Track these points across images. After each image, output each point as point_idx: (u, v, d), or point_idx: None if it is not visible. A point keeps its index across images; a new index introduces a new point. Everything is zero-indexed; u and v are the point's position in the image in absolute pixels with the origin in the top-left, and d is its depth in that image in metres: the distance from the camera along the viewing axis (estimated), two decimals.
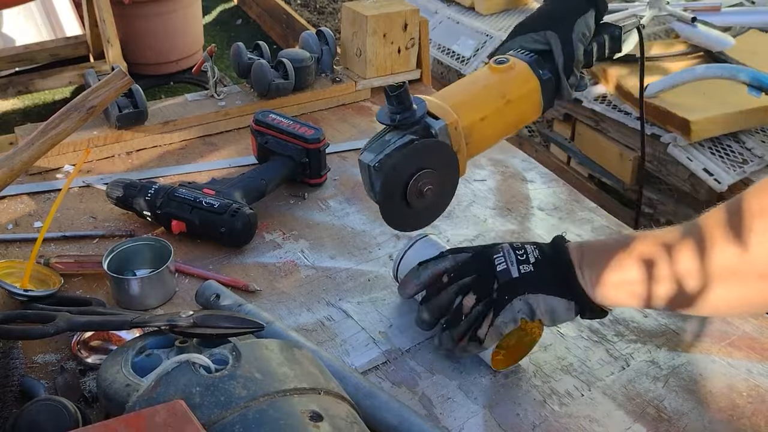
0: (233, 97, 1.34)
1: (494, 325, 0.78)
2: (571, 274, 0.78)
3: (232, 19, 4.08)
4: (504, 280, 0.79)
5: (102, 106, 1.02)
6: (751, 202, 0.65)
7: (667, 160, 1.66)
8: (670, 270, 0.70)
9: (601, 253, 0.77)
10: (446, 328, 0.82)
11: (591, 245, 0.80)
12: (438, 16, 2.25)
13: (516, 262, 0.80)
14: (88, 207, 1.10)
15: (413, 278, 0.85)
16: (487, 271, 0.81)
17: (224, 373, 0.61)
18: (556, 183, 1.20)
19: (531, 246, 0.82)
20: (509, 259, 0.80)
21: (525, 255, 0.81)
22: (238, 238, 1.02)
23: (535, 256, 0.80)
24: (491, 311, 0.79)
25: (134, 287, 0.91)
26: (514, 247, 0.82)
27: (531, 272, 0.79)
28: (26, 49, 3.04)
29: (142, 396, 0.61)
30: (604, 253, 0.76)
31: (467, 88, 0.88)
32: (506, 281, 0.79)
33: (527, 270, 0.79)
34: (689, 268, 0.68)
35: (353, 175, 1.21)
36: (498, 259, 0.81)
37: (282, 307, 0.93)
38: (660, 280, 0.71)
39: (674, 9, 1.95)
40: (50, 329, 0.75)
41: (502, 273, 0.80)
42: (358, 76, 1.43)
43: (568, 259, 0.78)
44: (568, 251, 0.79)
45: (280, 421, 0.57)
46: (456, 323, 0.81)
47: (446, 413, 0.79)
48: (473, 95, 0.87)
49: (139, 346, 0.75)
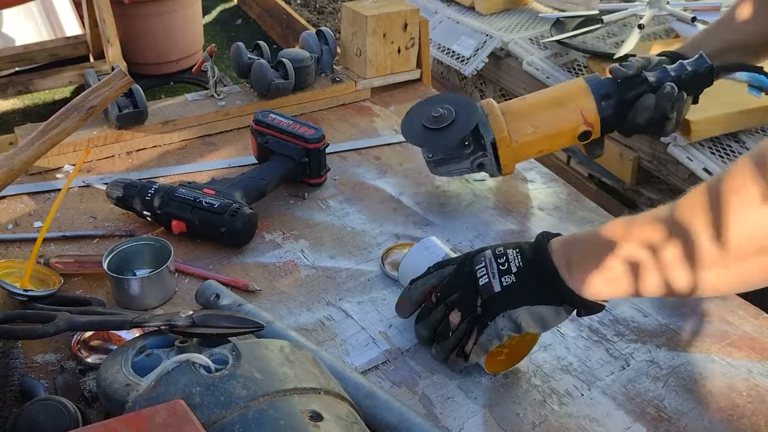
0: (233, 97, 1.34)
1: (478, 343, 0.78)
2: (556, 277, 0.76)
3: (232, 19, 4.08)
4: (486, 296, 0.78)
5: (102, 106, 1.02)
6: (729, 183, 0.64)
7: (667, 160, 1.65)
8: (657, 262, 0.68)
9: (586, 249, 0.75)
10: (438, 342, 0.83)
11: (575, 240, 0.78)
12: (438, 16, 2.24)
13: (498, 274, 0.79)
14: (88, 207, 1.10)
15: (407, 299, 0.86)
16: (470, 287, 0.80)
17: (224, 372, 0.61)
18: (556, 183, 1.20)
19: (513, 251, 0.80)
20: (491, 270, 0.79)
21: (507, 263, 0.79)
22: (238, 238, 1.02)
23: (517, 263, 0.79)
24: (475, 328, 0.79)
25: (134, 287, 0.91)
26: (496, 254, 0.80)
27: (513, 284, 0.78)
28: (26, 49, 3.04)
29: (142, 396, 0.61)
30: (589, 248, 0.75)
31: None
32: (488, 297, 0.78)
33: (509, 282, 0.78)
34: (675, 258, 0.67)
35: (353, 174, 1.21)
36: (480, 271, 0.80)
37: (282, 306, 0.93)
38: (649, 272, 0.69)
39: (674, 9, 1.94)
40: (50, 329, 0.75)
41: (485, 288, 0.79)
42: (358, 76, 1.43)
43: (551, 261, 0.77)
44: (550, 252, 0.77)
45: (280, 420, 0.57)
46: (446, 338, 0.81)
47: (446, 413, 0.79)
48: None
49: (139, 345, 0.75)
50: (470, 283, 0.80)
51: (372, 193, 1.17)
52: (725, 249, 0.64)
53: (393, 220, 1.10)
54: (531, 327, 0.77)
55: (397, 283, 0.97)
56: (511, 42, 2.04)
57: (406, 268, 0.92)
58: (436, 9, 2.28)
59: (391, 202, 1.15)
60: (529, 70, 1.96)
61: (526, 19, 2.19)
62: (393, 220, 1.10)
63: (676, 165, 1.64)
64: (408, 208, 1.13)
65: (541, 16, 2.17)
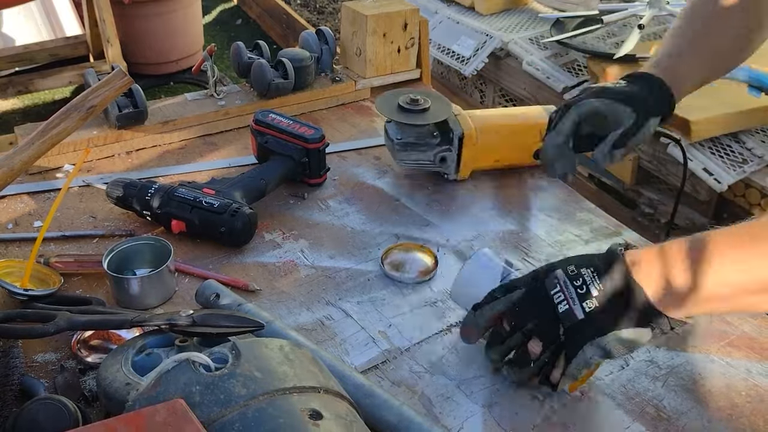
0: (233, 97, 1.34)
1: (567, 374, 0.76)
2: (642, 300, 0.72)
3: (232, 19, 4.08)
4: (569, 324, 0.74)
5: (102, 105, 1.02)
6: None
7: (666, 160, 1.66)
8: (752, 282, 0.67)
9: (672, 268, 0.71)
10: (513, 365, 0.79)
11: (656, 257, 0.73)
12: (438, 16, 2.25)
13: (578, 298, 0.74)
14: (88, 206, 1.10)
15: (473, 326, 0.81)
16: (549, 314, 0.76)
17: (224, 371, 0.61)
18: (555, 184, 1.20)
19: (588, 271, 0.75)
20: (569, 295, 0.75)
21: (584, 286, 0.74)
22: (238, 238, 1.02)
23: (597, 286, 0.74)
24: (562, 358, 0.76)
25: (134, 287, 0.91)
26: (570, 276, 0.76)
27: (596, 309, 0.73)
28: (26, 49, 3.04)
29: (142, 394, 0.61)
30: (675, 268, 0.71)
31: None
32: (572, 325, 0.74)
33: (592, 307, 0.73)
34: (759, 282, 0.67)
35: (353, 174, 1.21)
36: (557, 297, 0.75)
37: (282, 306, 0.93)
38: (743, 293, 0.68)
39: (674, 9, 1.95)
40: (50, 328, 0.75)
41: (566, 315, 0.74)
42: (358, 76, 1.43)
43: (633, 282, 0.72)
44: (630, 272, 0.73)
45: (280, 419, 0.58)
46: (525, 365, 0.78)
47: (446, 412, 0.79)
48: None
49: (139, 345, 0.75)
50: (547, 310, 0.76)
51: (372, 193, 1.17)
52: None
53: (392, 220, 1.10)
54: (620, 352, 0.74)
55: (396, 283, 0.97)
56: (511, 42, 2.04)
57: (463, 288, 0.87)
58: (436, 9, 2.28)
59: (390, 202, 1.15)
60: (529, 70, 1.96)
61: (526, 19, 2.19)
62: (392, 220, 1.10)
63: (676, 165, 1.64)
64: (407, 208, 1.13)
65: (541, 16, 2.17)
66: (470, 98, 2.29)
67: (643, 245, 1.06)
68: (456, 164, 1.16)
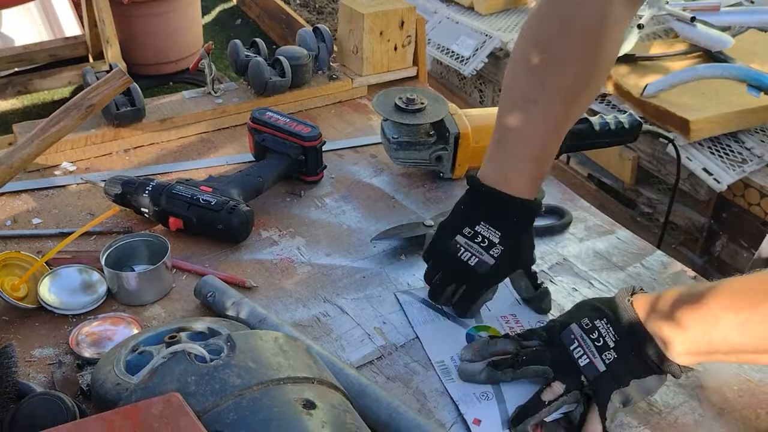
0: (230, 95, 1.35)
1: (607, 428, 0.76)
2: (655, 350, 0.75)
3: (231, 19, 4.09)
4: (593, 377, 0.77)
5: (101, 104, 1.03)
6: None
7: (665, 160, 1.66)
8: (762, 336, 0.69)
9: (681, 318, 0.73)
10: (522, 409, 0.78)
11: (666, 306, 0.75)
12: (437, 16, 2.25)
13: (597, 351, 0.77)
14: (86, 204, 1.11)
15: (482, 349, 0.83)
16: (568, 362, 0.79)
17: (219, 362, 0.62)
18: (551, 183, 1.21)
19: (602, 322, 0.78)
20: (588, 349, 0.78)
21: (601, 338, 0.77)
22: (235, 235, 1.03)
23: (612, 336, 0.77)
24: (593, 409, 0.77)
25: (132, 282, 0.91)
26: (585, 329, 0.79)
27: (616, 360, 0.76)
28: (25, 49, 3.04)
29: (139, 385, 0.61)
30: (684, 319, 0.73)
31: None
32: (595, 377, 0.77)
33: (611, 358, 0.76)
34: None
35: (350, 172, 1.22)
36: (577, 351, 0.78)
37: (278, 303, 0.94)
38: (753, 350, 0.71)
39: (673, 8, 1.95)
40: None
41: (588, 369, 0.77)
42: (355, 74, 1.44)
43: (646, 334, 0.75)
44: (641, 323, 0.76)
45: (274, 408, 0.58)
46: (537, 406, 0.77)
47: (440, 407, 0.80)
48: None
49: (132, 344, 0.76)
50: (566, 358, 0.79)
51: (368, 191, 1.17)
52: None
53: (388, 218, 1.11)
54: (639, 397, 0.77)
55: (391, 280, 0.98)
56: (510, 42, 2.04)
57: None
58: (435, 9, 2.29)
59: (386, 200, 1.15)
60: None
61: (525, 19, 2.19)
62: (388, 218, 1.11)
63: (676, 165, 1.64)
64: (403, 206, 1.14)
65: None
66: (469, 98, 2.30)
67: (640, 244, 1.07)
68: (451, 163, 1.17)
